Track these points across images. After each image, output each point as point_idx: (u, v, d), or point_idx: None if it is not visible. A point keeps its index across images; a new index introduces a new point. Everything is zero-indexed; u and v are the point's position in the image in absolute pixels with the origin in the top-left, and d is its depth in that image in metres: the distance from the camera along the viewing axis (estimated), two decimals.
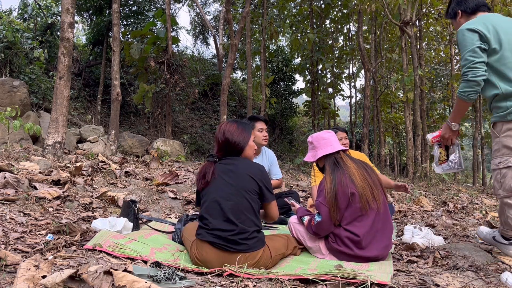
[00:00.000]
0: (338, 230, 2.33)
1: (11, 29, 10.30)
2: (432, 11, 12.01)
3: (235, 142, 2.28)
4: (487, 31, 2.25)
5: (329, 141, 2.56)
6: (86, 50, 15.60)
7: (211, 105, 17.70)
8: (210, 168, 2.22)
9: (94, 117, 12.32)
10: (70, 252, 2.09)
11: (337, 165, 2.43)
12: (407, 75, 9.62)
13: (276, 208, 2.32)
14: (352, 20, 12.99)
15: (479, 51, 2.23)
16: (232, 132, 2.29)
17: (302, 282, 1.90)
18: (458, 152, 2.55)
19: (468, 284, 1.96)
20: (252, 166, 2.24)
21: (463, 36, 2.30)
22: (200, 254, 2.12)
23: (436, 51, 16.11)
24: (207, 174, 2.19)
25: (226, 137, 2.27)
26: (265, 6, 11.39)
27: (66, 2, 5.56)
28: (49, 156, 5.08)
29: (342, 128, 3.82)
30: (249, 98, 9.60)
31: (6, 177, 3.13)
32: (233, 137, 2.28)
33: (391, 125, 17.91)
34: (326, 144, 2.54)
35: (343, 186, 2.30)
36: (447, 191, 6.60)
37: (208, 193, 2.18)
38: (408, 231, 2.81)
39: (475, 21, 2.35)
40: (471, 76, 2.22)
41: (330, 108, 13.34)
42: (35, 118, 7.87)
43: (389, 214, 2.44)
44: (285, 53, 17.93)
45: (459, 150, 2.56)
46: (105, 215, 3.01)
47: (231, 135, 2.28)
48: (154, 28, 12.61)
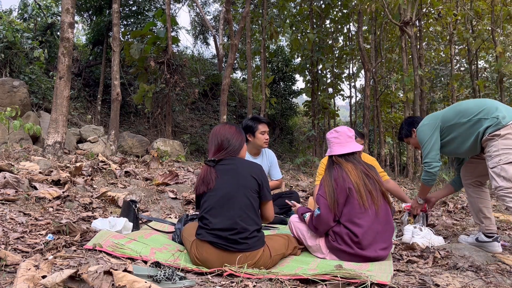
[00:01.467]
0: (338, 227, 2.34)
1: (11, 29, 10.30)
2: (432, 11, 12.01)
3: (233, 144, 2.31)
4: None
5: (344, 141, 2.55)
6: (86, 50, 15.60)
7: (211, 105, 17.70)
8: (211, 173, 2.21)
9: (94, 117, 12.32)
10: (70, 252, 2.09)
11: (335, 162, 2.49)
12: (407, 75, 9.62)
13: (272, 209, 2.34)
14: (352, 20, 12.99)
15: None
16: (231, 134, 2.32)
17: (302, 282, 1.90)
18: (422, 221, 3.16)
19: (468, 284, 1.96)
20: (252, 165, 2.27)
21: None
22: (200, 254, 2.12)
23: (436, 51, 16.11)
24: (209, 180, 2.19)
25: (226, 139, 2.30)
26: (265, 6, 11.39)
27: (66, 2, 5.56)
28: (49, 156, 5.08)
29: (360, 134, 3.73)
30: (249, 98, 9.60)
31: (6, 177, 3.13)
32: (232, 139, 2.31)
33: (391, 125, 17.90)
34: (341, 146, 2.53)
35: (341, 181, 2.35)
36: None
37: (208, 194, 2.19)
38: (408, 231, 2.81)
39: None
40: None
41: (330, 108, 13.34)
42: (35, 118, 7.87)
43: (391, 217, 2.44)
44: (285, 53, 17.93)
45: (423, 220, 3.17)
46: (105, 215, 3.01)
47: (231, 137, 2.31)
48: (154, 28, 12.61)
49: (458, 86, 14.07)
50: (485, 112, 2.52)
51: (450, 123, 2.69)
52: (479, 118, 2.54)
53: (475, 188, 2.84)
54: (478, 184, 2.84)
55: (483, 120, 2.52)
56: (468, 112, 2.60)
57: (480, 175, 2.81)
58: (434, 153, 2.75)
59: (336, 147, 2.53)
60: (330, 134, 2.62)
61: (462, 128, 2.63)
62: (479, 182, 2.84)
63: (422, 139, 2.82)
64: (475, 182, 2.84)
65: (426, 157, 2.78)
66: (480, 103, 2.61)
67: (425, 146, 2.79)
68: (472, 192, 2.85)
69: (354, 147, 2.53)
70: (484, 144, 2.54)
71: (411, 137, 3.11)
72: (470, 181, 2.86)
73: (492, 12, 10.85)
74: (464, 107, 2.65)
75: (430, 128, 2.77)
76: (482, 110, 2.54)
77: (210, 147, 2.34)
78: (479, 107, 2.57)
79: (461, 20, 12.74)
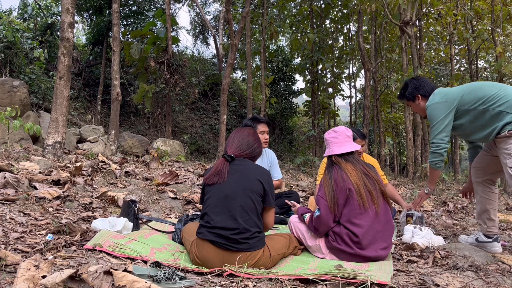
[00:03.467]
0: (338, 228, 2.34)
1: (11, 29, 10.30)
2: (432, 11, 12.01)
3: (256, 151, 2.38)
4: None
5: (342, 140, 2.56)
6: (86, 50, 15.61)
7: (211, 105, 17.70)
8: (226, 167, 2.22)
9: (94, 117, 12.32)
10: (70, 252, 2.09)
11: (335, 163, 2.49)
12: (407, 75, 9.62)
13: (273, 217, 2.35)
14: (352, 20, 12.99)
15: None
16: (258, 142, 2.40)
17: (302, 282, 1.90)
18: (420, 221, 3.06)
19: (468, 284, 1.96)
20: (261, 170, 2.28)
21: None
22: (200, 253, 2.12)
23: (436, 51, 16.11)
24: (223, 174, 2.19)
25: (252, 143, 2.36)
26: (265, 6, 11.38)
27: (66, 2, 5.56)
28: (49, 156, 5.08)
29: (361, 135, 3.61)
30: (249, 98, 9.60)
31: (6, 177, 3.13)
32: (256, 146, 2.38)
33: (391, 125, 17.92)
34: (339, 145, 2.54)
35: (341, 182, 2.35)
36: (447, 191, 6.60)
37: (214, 190, 2.19)
38: (408, 231, 2.81)
39: None
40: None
41: (330, 108, 13.34)
42: (35, 118, 7.87)
43: (391, 216, 2.44)
44: (285, 53, 17.93)
45: (420, 220, 3.07)
46: (105, 215, 3.01)
47: (257, 145, 2.39)
48: (154, 28, 12.61)
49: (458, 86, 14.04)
50: (508, 105, 2.37)
51: (467, 106, 2.52)
52: (500, 110, 2.38)
53: (485, 188, 2.75)
54: (489, 183, 2.75)
55: (505, 114, 2.37)
56: (490, 100, 2.43)
57: (492, 172, 2.71)
58: (444, 135, 2.59)
59: (335, 147, 2.53)
60: (328, 134, 2.62)
61: (480, 115, 2.47)
62: (490, 180, 2.75)
63: (434, 118, 2.63)
64: (486, 180, 2.75)
65: (435, 137, 2.62)
66: (504, 93, 2.43)
67: (436, 126, 2.61)
68: (482, 192, 2.76)
69: (352, 147, 2.53)
70: (500, 140, 2.42)
71: (414, 102, 2.88)
72: (482, 180, 2.76)
73: (492, 12, 10.85)
74: (486, 93, 2.46)
75: (445, 108, 2.58)
76: (506, 102, 2.38)
77: (231, 143, 2.35)
78: (502, 97, 2.40)
79: (461, 20, 12.74)
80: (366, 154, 3.79)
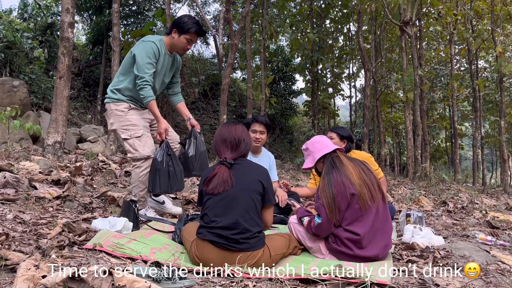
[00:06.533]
0: (338, 230, 2.33)
1: (11, 29, 10.29)
2: (432, 11, 12.01)
3: (248, 144, 2.33)
4: None
5: (323, 143, 2.60)
6: (86, 50, 15.60)
7: (211, 105, 17.70)
8: (230, 174, 2.16)
9: (94, 117, 12.31)
10: (71, 252, 2.09)
11: (333, 165, 2.43)
12: (407, 75, 9.62)
13: (272, 215, 2.34)
14: (352, 20, 12.99)
15: None
16: (245, 134, 2.33)
17: (302, 282, 1.90)
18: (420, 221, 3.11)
19: (468, 284, 1.96)
20: (259, 168, 2.28)
21: None
22: (200, 253, 2.12)
23: (436, 51, 16.12)
24: (228, 182, 2.13)
25: (242, 139, 2.30)
26: (265, 6, 11.38)
27: (66, 2, 5.56)
28: (49, 156, 5.08)
29: (333, 128, 3.76)
30: (249, 98, 9.60)
31: (6, 177, 3.13)
32: (246, 140, 2.32)
33: (391, 125, 17.92)
34: (321, 146, 2.57)
35: (342, 187, 2.30)
36: (447, 191, 6.60)
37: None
38: (408, 231, 2.81)
39: None
40: None
41: (330, 108, 13.34)
42: (35, 118, 7.87)
43: (389, 213, 2.44)
44: (285, 53, 17.92)
45: (420, 221, 3.12)
46: (105, 215, 3.01)
47: (246, 137, 2.32)
48: (154, 28, 12.60)
49: (458, 86, 14.07)
50: None
51: None
52: None
53: None
54: None
55: None
56: None
57: None
58: None
59: (325, 149, 2.55)
60: (312, 144, 2.64)
61: None
62: None
63: None
64: None
65: None
66: None
67: None
68: None
69: (336, 146, 2.59)
70: None
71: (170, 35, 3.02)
72: None
73: (492, 12, 10.86)
74: None
75: None
76: None
77: (222, 146, 2.28)
78: None
79: (461, 20, 12.74)
80: (355, 150, 3.76)
